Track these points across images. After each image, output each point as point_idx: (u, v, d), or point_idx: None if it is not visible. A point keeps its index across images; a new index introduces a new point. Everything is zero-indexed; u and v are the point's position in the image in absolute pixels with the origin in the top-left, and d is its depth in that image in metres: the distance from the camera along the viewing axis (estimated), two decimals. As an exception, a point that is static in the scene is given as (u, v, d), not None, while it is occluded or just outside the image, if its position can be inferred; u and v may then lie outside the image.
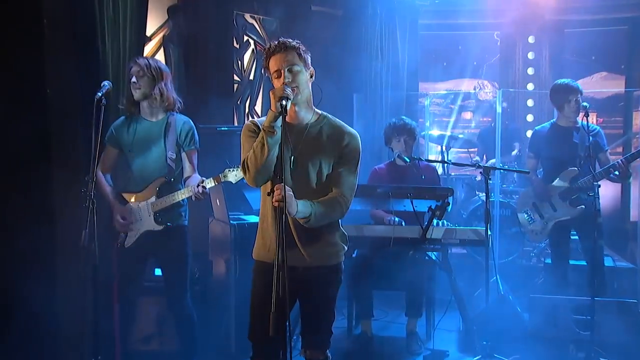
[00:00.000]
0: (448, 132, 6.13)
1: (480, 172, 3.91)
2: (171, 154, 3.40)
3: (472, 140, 6.62)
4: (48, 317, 3.41)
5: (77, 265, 3.39)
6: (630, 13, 6.89)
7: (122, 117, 3.48)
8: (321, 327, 2.69)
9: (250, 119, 5.37)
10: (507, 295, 4.48)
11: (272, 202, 2.34)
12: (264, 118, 2.55)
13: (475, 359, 3.83)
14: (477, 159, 6.21)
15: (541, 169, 4.60)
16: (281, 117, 2.34)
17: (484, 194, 3.93)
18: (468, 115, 7.89)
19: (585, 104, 4.10)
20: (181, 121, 3.46)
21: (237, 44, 5.62)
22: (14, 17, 3.38)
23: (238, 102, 5.67)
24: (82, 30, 3.64)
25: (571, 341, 3.87)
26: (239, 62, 5.67)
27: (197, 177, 3.44)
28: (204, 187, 3.29)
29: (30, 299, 3.20)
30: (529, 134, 5.67)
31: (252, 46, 5.78)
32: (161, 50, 4.94)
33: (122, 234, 3.42)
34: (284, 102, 2.34)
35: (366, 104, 6.24)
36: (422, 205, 3.87)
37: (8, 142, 3.30)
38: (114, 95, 3.61)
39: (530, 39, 7.37)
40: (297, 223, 2.54)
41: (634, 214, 6.18)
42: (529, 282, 5.26)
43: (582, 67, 7.15)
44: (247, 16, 5.72)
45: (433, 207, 3.79)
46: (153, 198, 3.39)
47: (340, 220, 2.70)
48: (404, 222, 4.18)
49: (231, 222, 3.90)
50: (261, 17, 5.81)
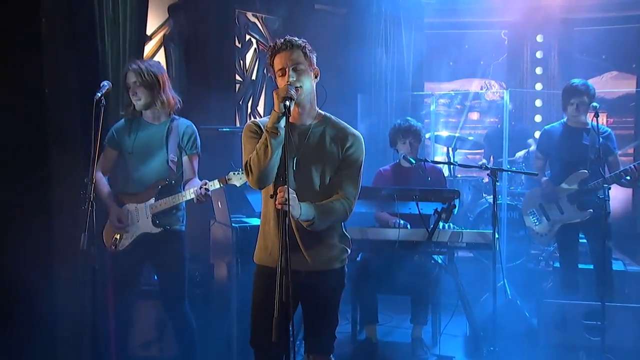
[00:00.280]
0: (457, 134, 6.11)
1: (488, 174, 3.90)
2: (173, 157, 3.41)
3: (479, 142, 6.61)
4: (46, 321, 3.42)
5: (75, 267, 3.40)
6: (641, 10, 6.88)
7: (124, 119, 3.49)
8: (324, 332, 2.69)
9: (251, 119, 5.37)
10: (515, 300, 4.48)
11: (275, 205, 2.34)
12: (265, 118, 2.56)
13: (482, 365, 3.83)
14: (484, 162, 6.20)
15: (549, 171, 4.60)
16: (285, 118, 2.34)
17: (491, 196, 3.93)
18: (475, 116, 7.88)
19: (595, 104, 4.08)
20: (184, 125, 3.48)
21: (239, 43, 5.63)
22: (12, 16, 3.39)
23: (240, 103, 5.68)
24: (81, 29, 3.65)
25: (581, 347, 3.87)
26: (241, 62, 5.68)
27: (197, 181, 3.45)
28: (207, 189, 3.29)
29: (28, 302, 3.21)
30: (537, 135, 5.66)
31: (255, 45, 5.79)
32: (162, 50, 4.95)
33: (116, 236, 3.41)
34: (288, 103, 2.34)
35: (370, 104, 6.23)
36: (427, 208, 3.88)
37: (5, 142, 3.32)
38: (114, 96, 3.62)
39: (539, 38, 7.35)
40: (300, 226, 2.54)
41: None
42: (538, 286, 5.24)
43: (592, 67, 7.12)
44: (249, 15, 5.73)
45: (439, 209, 3.80)
46: (152, 200, 3.39)
47: (344, 223, 2.70)
48: (409, 225, 4.18)
49: (233, 224, 3.89)
50: (263, 15, 5.82)
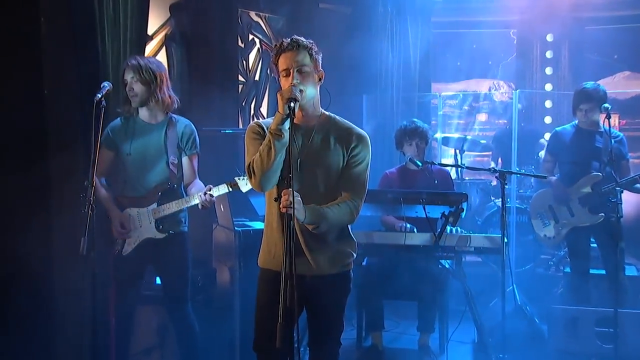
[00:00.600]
0: (469, 136, 6.11)
1: (496, 177, 3.90)
2: (173, 159, 3.40)
3: (487, 144, 6.61)
4: (46, 325, 3.43)
5: (75, 272, 3.41)
6: (654, 9, 6.87)
7: (119, 119, 3.47)
8: (329, 338, 2.70)
9: (255, 120, 5.38)
10: (525, 306, 4.47)
11: (280, 208, 2.35)
12: (268, 120, 2.56)
13: (491, 373, 3.83)
14: (493, 165, 6.20)
15: (558, 174, 4.58)
16: (289, 119, 2.35)
17: (500, 200, 3.92)
18: (483, 117, 7.87)
19: (606, 105, 4.08)
20: (182, 124, 3.47)
21: (241, 43, 5.64)
22: (12, 16, 3.40)
23: (243, 104, 5.69)
24: (81, 28, 3.66)
25: (593, 355, 3.85)
26: (244, 62, 5.69)
27: (199, 183, 3.44)
28: (211, 195, 3.28)
29: (28, 304, 3.22)
30: (547, 136, 5.65)
31: (258, 45, 5.80)
32: (163, 50, 4.96)
33: (119, 241, 3.39)
34: (292, 105, 2.35)
35: (376, 105, 6.24)
36: (434, 212, 3.87)
37: (4, 143, 3.33)
38: (114, 97, 3.63)
39: (549, 37, 7.35)
40: (305, 229, 2.54)
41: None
42: (548, 292, 5.23)
43: (604, 67, 7.12)
44: (253, 14, 5.74)
45: (446, 213, 3.79)
46: (154, 205, 3.38)
47: (349, 226, 2.70)
48: (415, 229, 4.18)
49: (236, 228, 3.90)
50: (267, 14, 5.83)
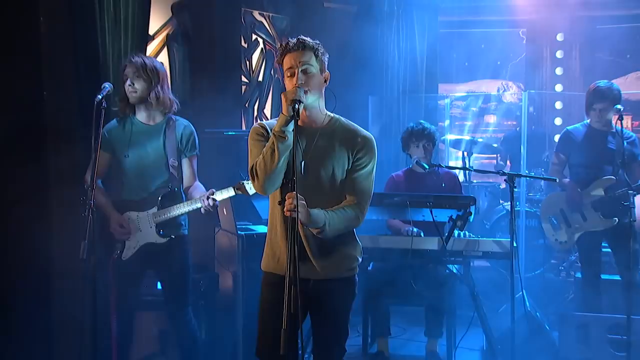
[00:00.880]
0: (480, 138, 6.10)
1: (505, 180, 3.89)
2: (173, 161, 3.39)
3: (496, 146, 6.59)
4: (46, 330, 3.44)
5: (74, 276, 3.41)
6: (668, 7, 6.85)
7: (115, 119, 3.45)
8: (334, 344, 2.69)
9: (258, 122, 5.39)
10: (534, 312, 4.44)
11: (284, 212, 2.34)
12: (272, 121, 2.56)
13: (500, 380, 3.81)
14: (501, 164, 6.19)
15: (567, 178, 4.55)
16: (293, 121, 2.35)
17: (509, 203, 3.92)
18: (491, 119, 7.86)
19: (618, 106, 4.06)
20: (181, 125, 3.46)
21: (245, 43, 5.65)
22: (12, 16, 3.42)
23: (246, 105, 5.70)
24: (81, 28, 3.68)
25: (605, 363, 3.84)
26: (247, 63, 5.70)
27: (199, 186, 3.43)
28: (214, 199, 3.25)
29: (28, 309, 3.23)
30: (557, 138, 5.63)
31: (261, 45, 5.81)
32: (165, 50, 4.97)
33: (118, 245, 3.35)
34: (297, 106, 2.35)
35: (382, 107, 6.24)
36: (442, 215, 3.86)
37: (5, 142, 3.34)
38: (114, 98, 3.63)
39: (559, 37, 7.33)
40: (309, 233, 2.54)
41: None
42: (558, 297, 5.22)
43: (616, 67, 7.10)
44: (256, 13, 5.75)
45: (454, 216, 3.78)
46: (155, 209, 3.36)
47: (355, 230, 2.70)
48: (422, 233, 4.17)
49: (239, 232, 3.90)
50: (271, 14, 5.85)
